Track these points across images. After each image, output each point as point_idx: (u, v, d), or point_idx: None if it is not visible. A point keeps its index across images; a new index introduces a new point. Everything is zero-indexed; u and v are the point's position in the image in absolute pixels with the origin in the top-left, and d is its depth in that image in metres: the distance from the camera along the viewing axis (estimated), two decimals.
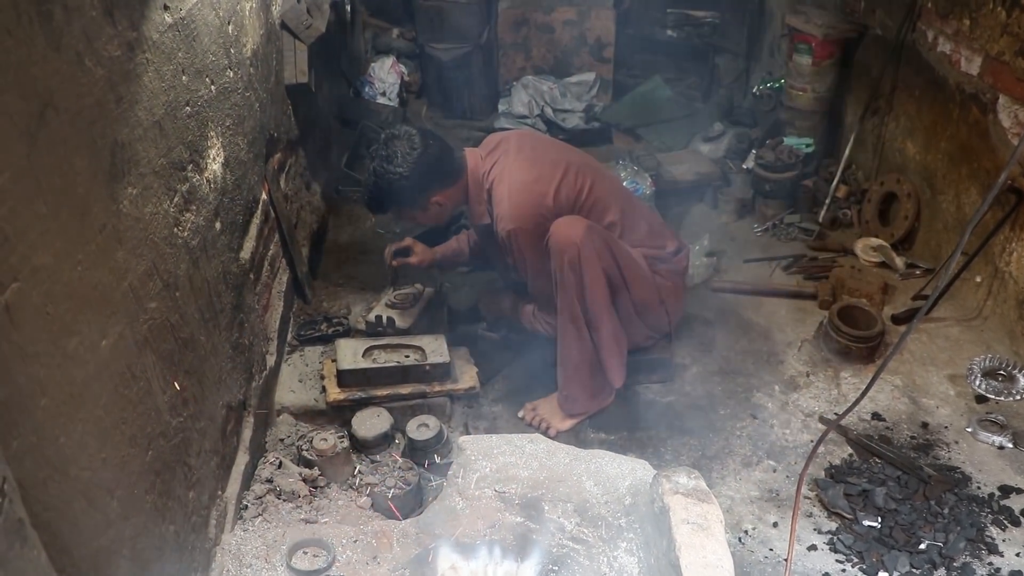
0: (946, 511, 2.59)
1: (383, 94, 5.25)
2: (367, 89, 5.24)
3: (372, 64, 5.40)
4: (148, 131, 1.84)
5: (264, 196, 2.94)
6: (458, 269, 3.68)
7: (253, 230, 2.77)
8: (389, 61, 5.44)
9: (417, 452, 2.68)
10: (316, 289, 3.54)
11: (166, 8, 1.98)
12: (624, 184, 4.04)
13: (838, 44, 4.36)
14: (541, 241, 2.79)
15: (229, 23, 2.56)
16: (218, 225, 2.35)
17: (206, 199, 2.25)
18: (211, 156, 2.32)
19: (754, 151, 4.55)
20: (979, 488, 2.70)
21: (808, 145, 4.48)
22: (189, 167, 2.12)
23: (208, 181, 2.28)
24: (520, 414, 3.07)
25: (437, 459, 2.68)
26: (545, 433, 2.90)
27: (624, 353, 2.97)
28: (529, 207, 2.78)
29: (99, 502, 1.53)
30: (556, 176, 2.84)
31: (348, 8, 5.31)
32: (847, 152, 4.33)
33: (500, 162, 2.89)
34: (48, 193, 1.39)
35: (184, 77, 2.10)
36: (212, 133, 2.34)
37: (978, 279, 3.41)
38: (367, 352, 2.91)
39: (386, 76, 5.33)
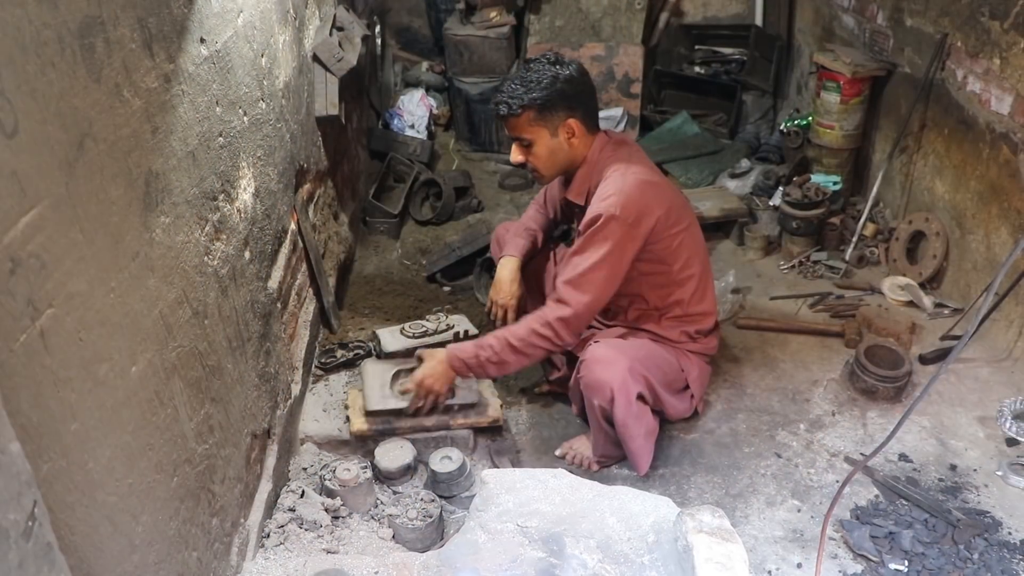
0: (976, 556, 2.54)
1: (412, 127, 5.30)
2: (396, 121, 5.30)
3: (401, 97, 5.46)
4: (182, 161, 1.87)
5: (293, 226, 2.97)
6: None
7: (281, 260, 2.80)
8: (418, 94, 5.50)
9: (440, 484, 2.67)
10: (342, 319, 3.56)
11: (202, 41, 2.02)
12: None
13: (866, 82, 4.36)
14: (629, 242, 2.69)
15: (263, 55, 2.60)
16: (247, 254, 2.38)
17: (236, 228, 2.28)
18: (242, 186, 2.35)
19: (781, 188, 4.54)
20: (1010, 534, 2.64)
21: (835, 183, 4.47)
22: (220, 197, 2.15)
23: (239, 211, 2.31)
24: (558, 452, 3.07)
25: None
26: (587, 469, 2.95)
27: (652, 446, 2.96)
28: (639, 206, 2.67)
29: (125, 527, 1.54)
30: (671, 198, 2.81)
31: (379, 42, 5.40)
32: (875, 190, 4.31)
33: (625, 160, 2.78)
34: (84, 221, 1.41)
35: (218, 108, 2.14)
36: (244, 163, 2.37)
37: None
38: (394, 377, 2.91)
39: (415, 109, 5.39)
